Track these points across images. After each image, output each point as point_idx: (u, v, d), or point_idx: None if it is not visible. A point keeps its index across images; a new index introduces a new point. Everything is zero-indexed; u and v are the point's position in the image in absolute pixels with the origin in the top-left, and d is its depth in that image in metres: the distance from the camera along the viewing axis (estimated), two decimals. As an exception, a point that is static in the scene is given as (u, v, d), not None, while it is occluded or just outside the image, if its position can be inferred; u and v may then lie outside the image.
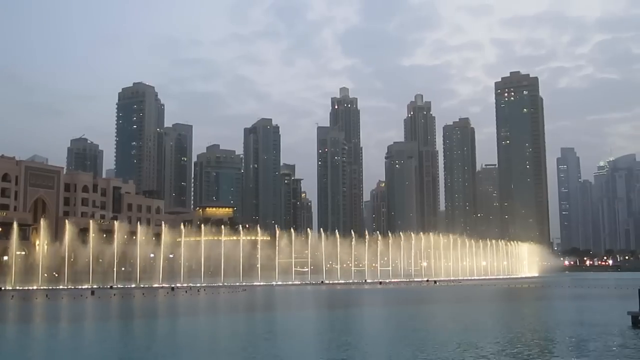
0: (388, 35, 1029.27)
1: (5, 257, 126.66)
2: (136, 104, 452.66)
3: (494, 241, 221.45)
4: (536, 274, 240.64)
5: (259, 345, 35.59)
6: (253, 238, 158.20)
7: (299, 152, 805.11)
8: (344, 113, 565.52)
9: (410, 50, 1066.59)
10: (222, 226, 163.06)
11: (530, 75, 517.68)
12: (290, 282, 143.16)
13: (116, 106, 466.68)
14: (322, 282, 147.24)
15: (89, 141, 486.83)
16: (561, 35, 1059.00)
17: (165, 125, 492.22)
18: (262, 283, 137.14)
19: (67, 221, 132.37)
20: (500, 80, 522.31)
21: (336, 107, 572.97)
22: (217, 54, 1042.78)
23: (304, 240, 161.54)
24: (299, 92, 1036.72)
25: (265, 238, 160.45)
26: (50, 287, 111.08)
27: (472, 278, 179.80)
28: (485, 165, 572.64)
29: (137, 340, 39.73)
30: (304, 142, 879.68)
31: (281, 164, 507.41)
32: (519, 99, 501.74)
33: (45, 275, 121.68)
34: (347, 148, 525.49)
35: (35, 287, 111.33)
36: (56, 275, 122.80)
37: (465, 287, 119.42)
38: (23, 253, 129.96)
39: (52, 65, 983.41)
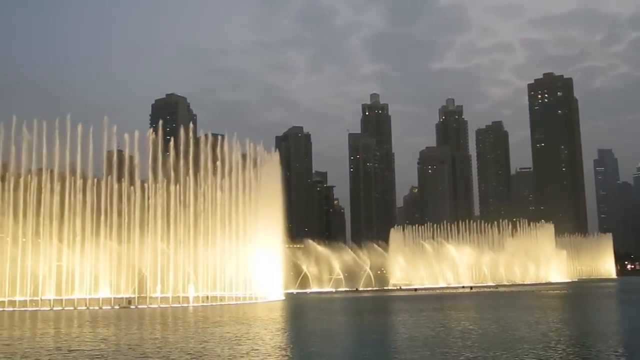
0: (416, 39, 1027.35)
1: None
2: (169, 115, 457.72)
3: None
4: (575, 279, 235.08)
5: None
6: (288, 247, 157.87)
7: (331, 159, 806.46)
8: (375, 119, 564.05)
9: (439, 53, 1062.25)
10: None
11: (564, 76, 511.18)
12: (325, 290, 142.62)
13: (149, 117, 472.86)
14: (356, 289, 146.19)
15: (124, 153, 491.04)
16: (594, 34, 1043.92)
17: (198, 135, 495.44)
18: (297, 291, 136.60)
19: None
20: (533, 82, 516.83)
21: (367, 113, 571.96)
22: (245, 63, 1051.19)
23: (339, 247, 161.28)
24: (328, 99, 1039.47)
25: (299, 246, 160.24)
26: None
27: (508, 284, 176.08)
28: (520, 168, 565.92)
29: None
30: (335, 148, 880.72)
31: (313, 171, 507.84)
32: (553, 101, 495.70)
33: None
34: (379, 154, 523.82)
35: None
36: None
37: (508, 294, 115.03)
38: None
39: (83, 79, 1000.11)
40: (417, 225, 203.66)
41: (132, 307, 77.36)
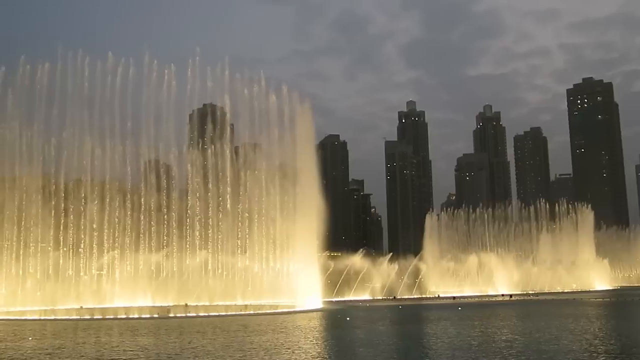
0: (452, 45, 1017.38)
1: None
2: (207, 125, 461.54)
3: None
4: (617, 287, 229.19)
5: None
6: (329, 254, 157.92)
7: (367, 167, 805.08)
8: (411, 126, 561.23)
9: (475, 59, 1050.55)
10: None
11: (604, 81, 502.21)
12: (362, 298, 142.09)
13: (187, 127, 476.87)
14: (394, 297, 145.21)
15: (161, 163, 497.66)
16: (634, 37, 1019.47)
17: (235, 145, 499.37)
18: (335, 299, 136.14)
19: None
20: (572, 87, 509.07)
21: (403, 120, 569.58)
22: (280, 71, 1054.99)
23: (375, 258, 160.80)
24: (363, 107, 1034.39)
25: (335, 254, 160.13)
26: None
27: (548, 292, 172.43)
28: (560, 174, 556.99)
29: None
30: (372, 156, 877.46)
31: (350, 179, 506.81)
32: (592, 106, 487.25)
33: None
34: (416, 162, 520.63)
35: None
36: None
37: (549, 302, 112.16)
38: None
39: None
40: (452, 209, 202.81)
41: (171, 315, 77.81)
